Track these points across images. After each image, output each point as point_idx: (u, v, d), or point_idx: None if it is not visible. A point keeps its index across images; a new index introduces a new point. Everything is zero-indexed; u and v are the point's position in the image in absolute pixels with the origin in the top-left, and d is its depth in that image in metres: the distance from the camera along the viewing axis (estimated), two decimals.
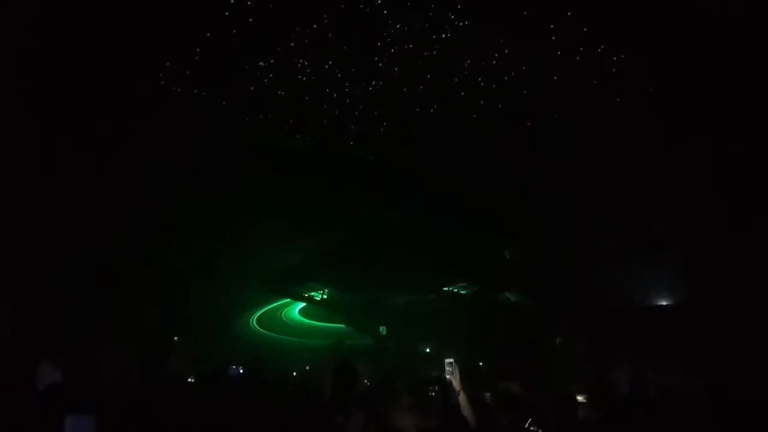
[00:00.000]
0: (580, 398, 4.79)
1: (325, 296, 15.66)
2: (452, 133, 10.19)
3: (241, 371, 5.83)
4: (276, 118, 9.75)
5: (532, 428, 3.89)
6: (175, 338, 12.07)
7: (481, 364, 8.35)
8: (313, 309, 16.27)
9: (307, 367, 7.22)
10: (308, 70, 8.91)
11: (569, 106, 9.30)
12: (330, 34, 8.42)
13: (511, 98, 9.34)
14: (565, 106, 9.33)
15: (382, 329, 14.85)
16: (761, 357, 7.46)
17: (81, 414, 2.55)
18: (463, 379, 3.67)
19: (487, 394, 4.56)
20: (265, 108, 9.54)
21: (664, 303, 11.50)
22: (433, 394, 4.92)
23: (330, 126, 9.81)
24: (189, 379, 5.65)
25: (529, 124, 9.64)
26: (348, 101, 9.45)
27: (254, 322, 16.41)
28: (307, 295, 15.71)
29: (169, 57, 8.58)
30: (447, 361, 3.73)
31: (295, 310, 16.83)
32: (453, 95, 9.45)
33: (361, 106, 9.50)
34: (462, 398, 3.62)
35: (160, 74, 8.69)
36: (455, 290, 15.03)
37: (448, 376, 3.72)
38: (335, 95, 9.35)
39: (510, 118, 9.69)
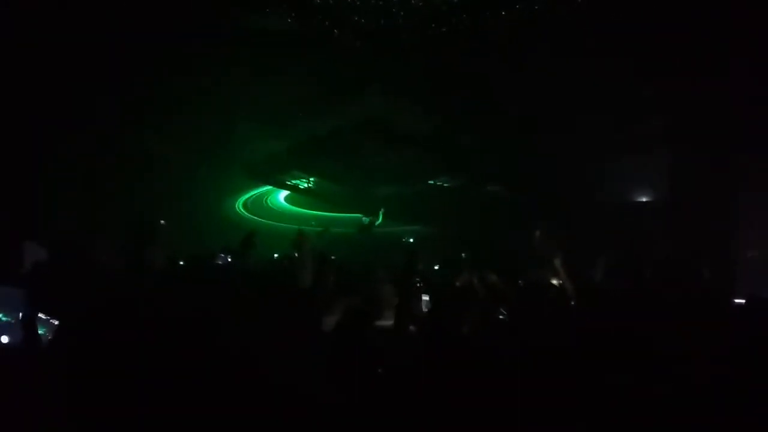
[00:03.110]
0: (554, 281, 4.95)
1: (310, 185, 15.67)
2: (446, 26, 9.74)
3: (229, 259, 5.88)
4: None
5: (501, 316, 4.08)
6: (162, 222, 12.13)
7: (463, 255, 8.60)
8: (299, 196, 16.35)
9: (296, 254, 7.35)
10: None
11: None
12: None
13: None
14: None
15: (365, 219, 15.05)
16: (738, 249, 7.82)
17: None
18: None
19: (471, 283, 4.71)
20: None
21: (644, 199, 11.76)
22: (419, 284, 5.12)
23: (321, 10, 9.28)
24: (180, 263, 5.72)
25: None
26: None
27: (240, 207, 16.51)
28: (291, 183, 15.71)
29: None
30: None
31: (280, 196, 16.89)
32: None
33: None
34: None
35: None
36: (440, 183, 15.13)
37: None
38: None
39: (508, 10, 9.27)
